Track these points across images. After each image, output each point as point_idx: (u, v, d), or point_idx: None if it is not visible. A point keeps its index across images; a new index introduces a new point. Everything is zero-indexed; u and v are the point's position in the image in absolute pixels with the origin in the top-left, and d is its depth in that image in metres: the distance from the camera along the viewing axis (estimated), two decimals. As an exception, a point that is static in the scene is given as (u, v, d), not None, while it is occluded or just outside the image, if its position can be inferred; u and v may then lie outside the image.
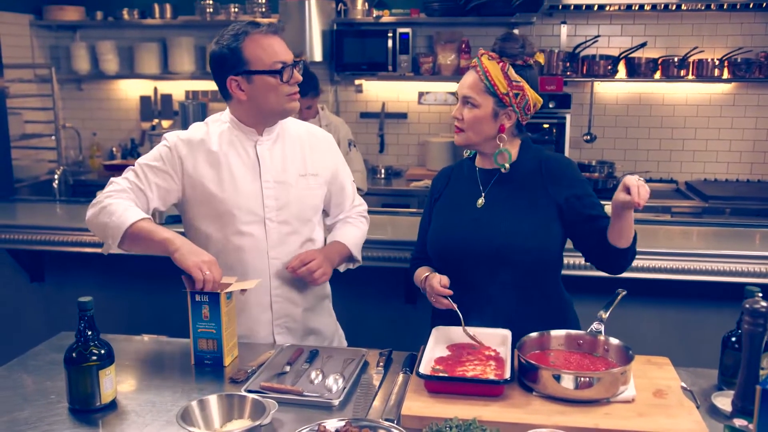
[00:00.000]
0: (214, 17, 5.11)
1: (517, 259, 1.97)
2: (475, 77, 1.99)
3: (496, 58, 1.98)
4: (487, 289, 2.01)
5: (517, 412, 1.57)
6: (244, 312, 2.12)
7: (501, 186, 2.05)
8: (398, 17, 4.98)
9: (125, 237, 1.97)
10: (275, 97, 2.03)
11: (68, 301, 3.14)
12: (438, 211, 2.14)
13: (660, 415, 1.54)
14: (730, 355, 1.73)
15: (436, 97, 5.22)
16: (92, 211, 2.05)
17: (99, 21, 5.26)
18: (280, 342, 2.15)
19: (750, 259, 2.65)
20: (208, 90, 5.42)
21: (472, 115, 1.99)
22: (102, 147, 5.49)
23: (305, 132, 2.23)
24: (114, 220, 1.97)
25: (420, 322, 2.94)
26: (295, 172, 2.14)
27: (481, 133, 2.01)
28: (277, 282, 2.14)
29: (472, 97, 1.98)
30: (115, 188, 2.06)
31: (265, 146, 2.12)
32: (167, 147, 2.10)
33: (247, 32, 2.00)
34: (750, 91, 4.90)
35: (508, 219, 2.00)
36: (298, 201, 2.14)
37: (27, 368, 1.92)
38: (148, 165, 2.09)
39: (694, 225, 3.38)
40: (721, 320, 2.78)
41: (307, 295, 2.21)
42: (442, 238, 2.08)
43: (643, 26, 4.91)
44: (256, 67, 2.00)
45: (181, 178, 2.08)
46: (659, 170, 5.06)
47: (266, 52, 2.00)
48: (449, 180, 2.18)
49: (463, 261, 2.02)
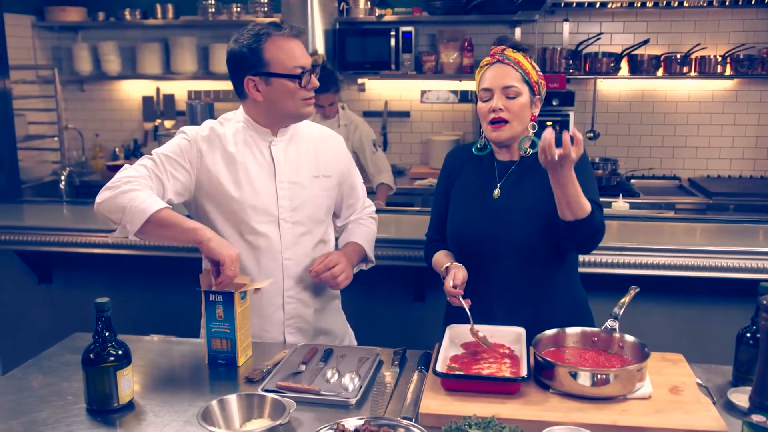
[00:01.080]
0: (216, 17, 5.11)
1: (532, 248, 1.99)
2: (507, 68, 1.98)
3: (520, 51, 2.01)
4: (502, 279, 2.02)
5: (534, 410, 1.58)
6: (255, 312, 2.12)
7: (516, 177, 2.06)
8: (400, 16, 4.98)
9: (147, 223, 1.90)
10: (292, 101, 2.03)
11: (76, 302, 3.19)
12: (455, 201, 2.14)
13: (677, 412, 1.55)
14: (745, 352, 1.73)
15: (439, 96, 5.23)
16: (108, 193, 1.95)
17: (101, 21, 5.26)
18: (291, 342, 2.15)
19: (760, 256, 2.65)
20: (210, 90, 5.43)
21: (518, 104, 1.98)
22: (105, 148, 5.49)
23: (318, 133, 2.23)
24: (137, 205, 1.89)
25: (429, 319, 2.96)
26: (309, 173, 2.14)
27: (524, 122, 2.02)
28: (290, 283, 2.14)
29: (514, 85, 1.96)
30: (133, 174, 1.99)
31: (280, 147, 2.12)
32: (187, 140, 2.07)
33: (269, 33, 1.99)
34: (753, 88, 4.91)
35: (523, 210, 2.01)
36: (311, 202, 2.14)
37: (42, 369, 1.92)
38: (166, 155, 2.04)
39: (700, 222, 3.39)
40: (731, 317, 2.80)
41: (319, 296, 2.21)
42: (459, 229, 2.10)
43: (645, 23, 4.92)
44: (275, 69, 1.99)
45: (198, 173, 2.06)
46: (662, 167, 5.07)
47: (287, 55, 1.99)
48: (462, 166, 2.16)
49: (481, 252, 2.03)
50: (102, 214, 1.98)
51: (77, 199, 3.64)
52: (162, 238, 2.02)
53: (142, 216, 1.89)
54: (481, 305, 1.95)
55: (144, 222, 1.89)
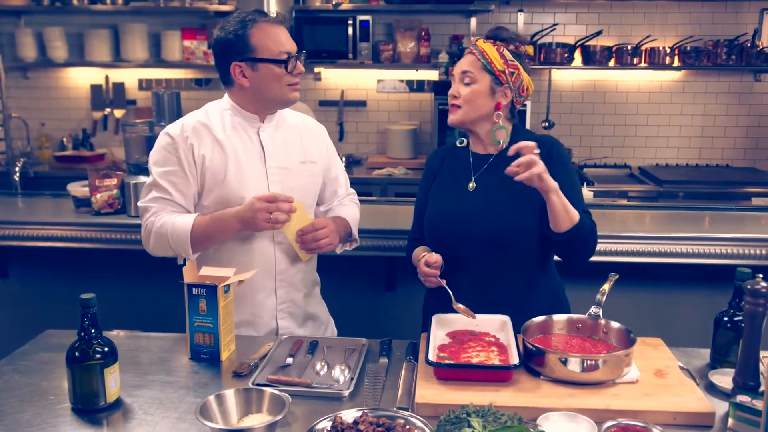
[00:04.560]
0: (168, 3, 4.98)
1: (506, 241, 2.02)
2: (472, 58, 2.05)
3: (491, 41, 2.05)
4: (479, 271, 2.06)
5: (529, 397, 1.61)
6: (247, 298, 2.13)
7: (492, 170, 2.09)
8: (357, 5, 4.95)
9: (194, 245, 2.04)
10: (278, 86, 2.05)
11: (34, 298, 3.09)
12: (433, 193, 2.18)
13: (665, 394, 1.60)
14: (723, 335, 1.80)
15: (396, 85, 5.23)
16: (150, 243, 2.10)
17: (45, 6, 5.05)
18: (283, 326, 2.17)
19: (715, 241, 2.76)
20: (162, 78, 5.29)
21: (470, 90, 2.04)
22: (51, 138, 5.30)
23: (300, 121, 2.26)
24: (174, 240, 2.04)
25: (400, 309, 2.98)
26: (297, 159, 2.17)
27: (478, 108, 2.06)
28: (282, 267, 2.15)
29: (470, 72, 2.04)
30: (153, 213, 2.08)
31: (268, 133, 2.14)
32: (171, 138, 2.07)
33: (254, 20, 2.01)
34: (699, 79, 5.07)
35: (497, 202, 2.05)
36: (301, 187, 2.16)
37: (18, 369, 1.85)
38: (162, 173, 2.07)
39: (654, 209, 3.48)
40: (691, 300, 2.91)
41: (306, 280, 2.24)
42: (435, 221, 2.13)
43: (598, 15, 5.02)
44: (262, 54, 2.01)
45: (193, 167, 2.06)
46: (613, 156, 5.20)
47: (273, 40, 2.02)
48: (443, 162, 2.21)
49: (456, 244, 2.06)
50: (161, 255, 2.13)
51: (33, 191, 3.51)
52: (217, 244, 2.10)
53: (186, 238, 2.02)
54: (459, 297, 1.97)
55: (190, 242, 2.02)
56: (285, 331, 2.18)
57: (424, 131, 5.19)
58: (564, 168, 2.04)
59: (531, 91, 2.11)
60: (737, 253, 2.75)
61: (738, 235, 2.76)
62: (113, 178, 2.82)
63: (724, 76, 5.05)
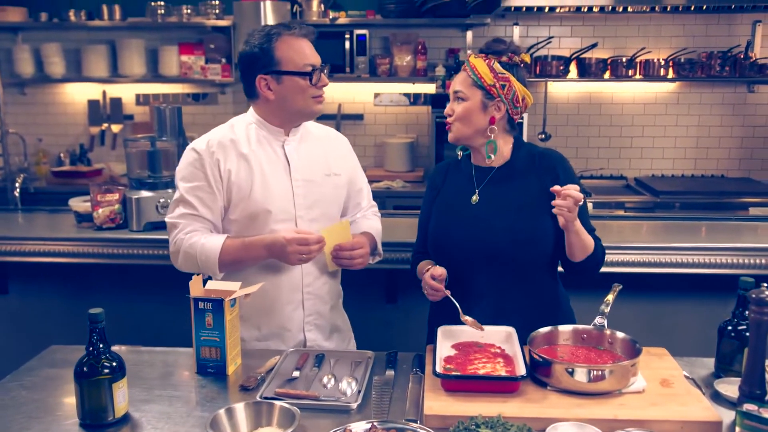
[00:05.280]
0: (165, 19, 5.00)
1: (510, 254, 2.03)
2: (464, 75, 2.08)
3: (483, 56, 2.07)
4: (483, 284, 2.06)
5: (537, 407, 1.61)
6: (275, 311, 2.16)
7: (495, 183, 2.11)
8: (353, 19, 4.98)
9: (222, 267, 2.09)
10: (302, 98, 2.08)
11: (35, 313, 3.08)
12: (437, 207, 2.19)
13: (672, 404, 1.61)
14: (728, 344, 1.81)
15: (392, 98, 5.25)
16: (179, 260, 2.14)
17: (43, 22, 5.06)
18: (311, 339, 2.20)
19: (716, 251, 2.77)
20: (159, 93, 5.31)
21: (461, 107, 2.07)
22: (48, 153, 5.30)
23: (324, 134, 2.30)
24: (203, 261, 2.08)
25: (402, 321, 2.98)
26: (321, 171, 2.19)
27: (471, 125, 2.08)
28: (309, 279, 2.18)
29: (460, 90, 2.07)
30: (181, 229, 2.11)
31: (293, 146, 2.17)
32: (198, 154, 2.10)
33: (279, 33, 2.05)
34: (693, 90, 5.11)
35: (501, 216, 2.06)
36: (325, 199, 2.19)
37: (24, 385, 1.85)
38: (189, 188, 2.11)
39: (651, 219, 3.50)
40: (689, 310, 2.93)
41: (332, 292, 2.27)
42: (439, 235, 2.15)
43: (593, 27, 5.06)
44: (286, 67, 2.04)
45: (220, 182, 2.10)
46: (609, 167, 5.23)
47: (298, 53, 2.05)
48: (446, 176, 2.23)
49: (459, 257, 2.07)
50: (188, 272, 2.12)
51: (32, 207, 3.51)
52: (246, 266, 2.15)
53: (214, 261, 2.07)
54: (464, 309, 1.97)
55: (218, 265, 2.07)
56: (312, 343, 2.21)
57: (421, 144, 5.21)
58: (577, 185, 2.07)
59: (529, 102, 2.10)
60: (736, 263, 2.77)
61: (737, 245, 2.78)
62: (115, 193, 2.82)
63: (718, 87, 5.09)
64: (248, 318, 2.17)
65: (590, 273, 2.08)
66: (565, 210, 1.89)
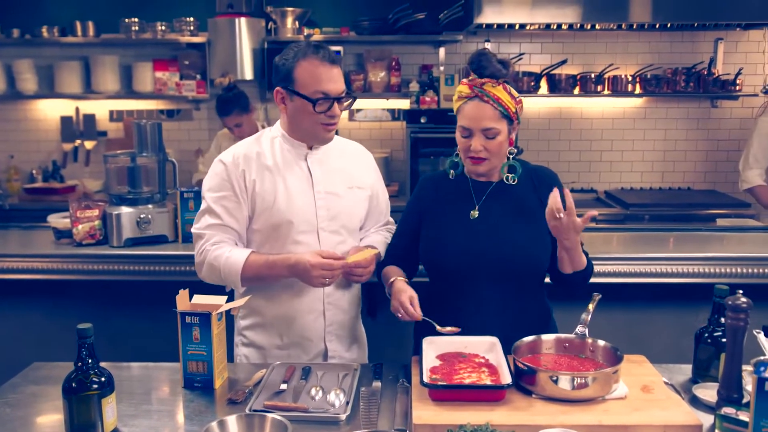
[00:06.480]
0: (139, 35, 4.99)
1: (510, 268, 2.06)
2: (486, 107, 2.00)
3: (494, 81, 2.02)
4: (481, 297, 2.08)
5: (523, 415, 1.65)
6: (296, 320, 2.20)
7: (494, 198, 2.12)
8: (328, 36, 5.03)
9: (244, 281, 2.13)
10: (309, 121, 2.10)
11: (13, 330, 3.03)
12: (430, 222, 2.17)
13: (654, 409, 1.66)
14: (704, 350, 1.87)
15: (367, 114, 5.31)
16: (203, 271, 2.18)
17: (15, 38, 5.02)
18: (332, 349, 2.23)
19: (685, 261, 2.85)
20: (133, 109, 5.29)
21: (496, 144, 2.03)
22: (20, 170, 5.24)
23: (349, 147, 2.33)
24: (226, 274, 2.12)
25: (381, 335, 2.99)
26: (343, 184, 2.22)
27: (501, 155, 2.08)
28: (330, 289, 2.21)
29: (493, 128, 2.00)
30: (207, 240, 2.15)
31: (315, 159, 2.20)
32: (224, 165, 2.16)
33: (305, 54, 2.07)
34: (659, 105, 5.25)
35: (503, 231, 2.08)
36: (347, 211, 2.22)
37: (9, 402, 1.84)
38: (216, 198, 2.15)
39: (622, 231, 3.58)
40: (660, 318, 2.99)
41: (352, 303, 2.30)
42: (435, 248, 2.14)
43: (562, 44, 5.17)
44: (298, 88, 2.07)
45: (245, 192, 2.14)
46: (580, 180, 5.33)
47: (312, 78, 2.05)
48: (437, 189, 2.20)
49: (459, 272, 2.09)
50: (211, 282, 2.20)
51: (7, 224, 3.46)
52: (265, 283, 2.19)
53: (237, 275, 2.11)
54: (456, 322, 2.01)
55: (240, 279, 2.12)
56: (334, 353, 2.23)
57: (396, 159, 5.26)
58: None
59: None
60: (706, 272, 2.84)
61: (707, 254, 2.86)
62: (95, 209, 2.81)
63: (683, 102, 5.23)
64: (270, 326, 2.21)
65: (579, 286, 2.11)
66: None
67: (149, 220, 2.81)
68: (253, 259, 2.12)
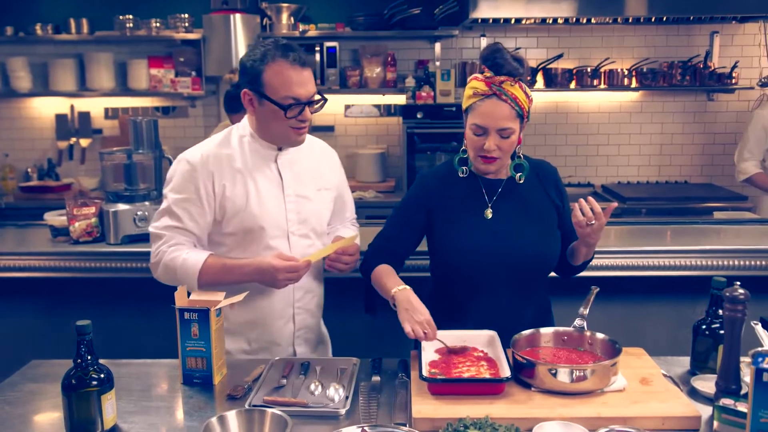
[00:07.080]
0: (134, 32, 4.98)
1: (526, 268, 2.07)
2: (504, 106, 1.96)
3: (513, 80, 1.98)
4: (489, 296, 2.08)
5: (522, 408, 1.65)
6: (265, 325, 2.16)
7: (506, 196, 2.10)
8: (323, 31, 5.02)
9: (201, 285, 2.07)
10: (278, 126, 2.04)
11: (10, 328, 3.02)
12: (444, 221, 2.12)
13: (653, 401, 1.66)
14: (702, 342, 1.88)
15: (363, 110, 5.30)
16: (158, 272, 2.13)
17: (9, 36, 5.01)
18: (300, 352, 2.22)
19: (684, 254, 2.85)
20: (128, 107, 5.28)
21: (510, 142, 2.00)
22: (15, 168, 5.22)
23: (317, 147, 2.28)
24: (182, 275, 2.06)
25: (381, 331, 2.99)
26: (313, 186, 2.18)
27: (510, 153, 2.06)
28: (300, 294, 2.19)
29: (509, 127, 1.97)
30: (165, 242, 2.09)
31: (285, 160, 2.14)
32: (191, 166, 2.07)
33: (274, 57, 1.97)
34: (655, 99, 5.25)
35: (518, 231, 2.07)
36: (315, 214, 2.18)
37: (8, 400, 1.83)
38: (177, 200, 2.08)
39: (619, 225, 3.57)
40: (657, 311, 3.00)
41: (319, 306, 2.29)
42: (454, 248, 2.09)
43: (558, 39, 5.17)
44: (268, 92, 1.99)
45: (212, 197, 2.07)
46: (577, 174, 5.33)
47: (283, 83, 1.97)
48: (444, 186, 2.15)
49: (474, 271, 2.07)
50: (167, 283, 2.14)
51: (3, 222, 3.43)
52: (227, 285, 2.08)
53: (194, 278, 2.06)
54: (460, 317, 2.03)
55: (197, 283, 2.06)
56: (301, 356, 2.21)
57: (392, 155, 5.25)
58: (567, 197, 2.16)
59: None
60: (703, 265, 2.85)
61: (704, 247, 2.86)
62: (91, 206, 2.80)
63: (680, 96, 5.24)
64: (236, 332, 2.17)
65: (579, 271, 2.20)
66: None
67: (146, 217, 2.80)
68: (210, 262, 2.06)
